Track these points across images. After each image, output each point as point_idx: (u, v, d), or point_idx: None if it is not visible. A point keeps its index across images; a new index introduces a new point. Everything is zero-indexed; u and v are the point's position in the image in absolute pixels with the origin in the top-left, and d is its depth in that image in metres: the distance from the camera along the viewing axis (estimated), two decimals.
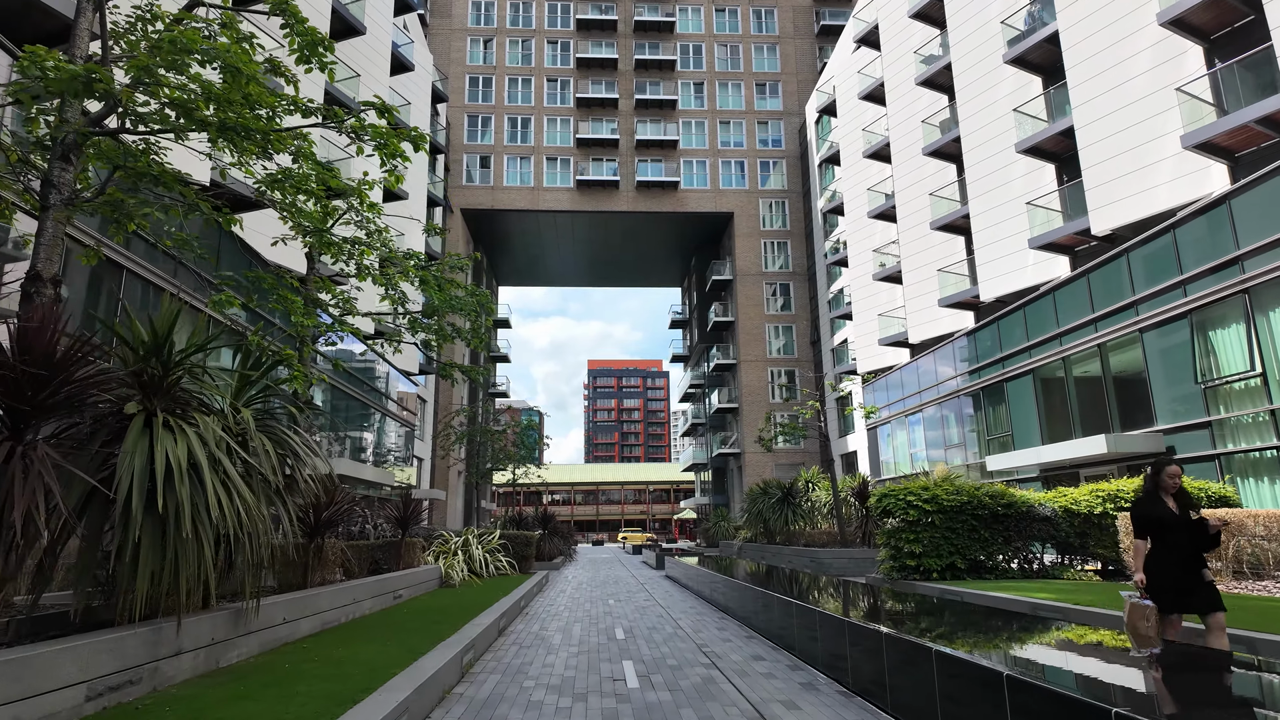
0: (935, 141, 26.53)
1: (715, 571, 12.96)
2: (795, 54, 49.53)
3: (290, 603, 6.67)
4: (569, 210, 45.74)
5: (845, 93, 36.28)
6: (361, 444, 22.69)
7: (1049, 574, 12.27)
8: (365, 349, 15.69)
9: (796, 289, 46.04)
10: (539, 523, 23.70)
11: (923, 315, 28.16)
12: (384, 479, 20.51)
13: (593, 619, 9.94)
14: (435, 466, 41.12)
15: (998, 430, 21.69)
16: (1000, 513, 12.42)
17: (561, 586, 15.75)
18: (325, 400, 19.02)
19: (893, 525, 12.94)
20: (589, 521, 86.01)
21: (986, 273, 23.65)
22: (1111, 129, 18.37)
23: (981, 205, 23.84)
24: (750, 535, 26.19)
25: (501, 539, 15.88)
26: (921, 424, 26.47)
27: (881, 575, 13.15)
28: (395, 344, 11.08)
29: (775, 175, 47.62)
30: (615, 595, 13.68)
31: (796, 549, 19.15)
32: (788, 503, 20.42)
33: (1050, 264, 21.53)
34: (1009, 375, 20.80)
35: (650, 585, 16.28)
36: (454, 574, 12.36)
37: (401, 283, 9.51)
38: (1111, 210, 18.38)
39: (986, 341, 22.12)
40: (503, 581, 13.78)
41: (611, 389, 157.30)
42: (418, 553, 11.75)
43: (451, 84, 46.65)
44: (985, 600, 9.51)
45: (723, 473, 51.29)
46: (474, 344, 10.50)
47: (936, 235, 27.62)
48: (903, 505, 12.33)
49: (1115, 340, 16.60)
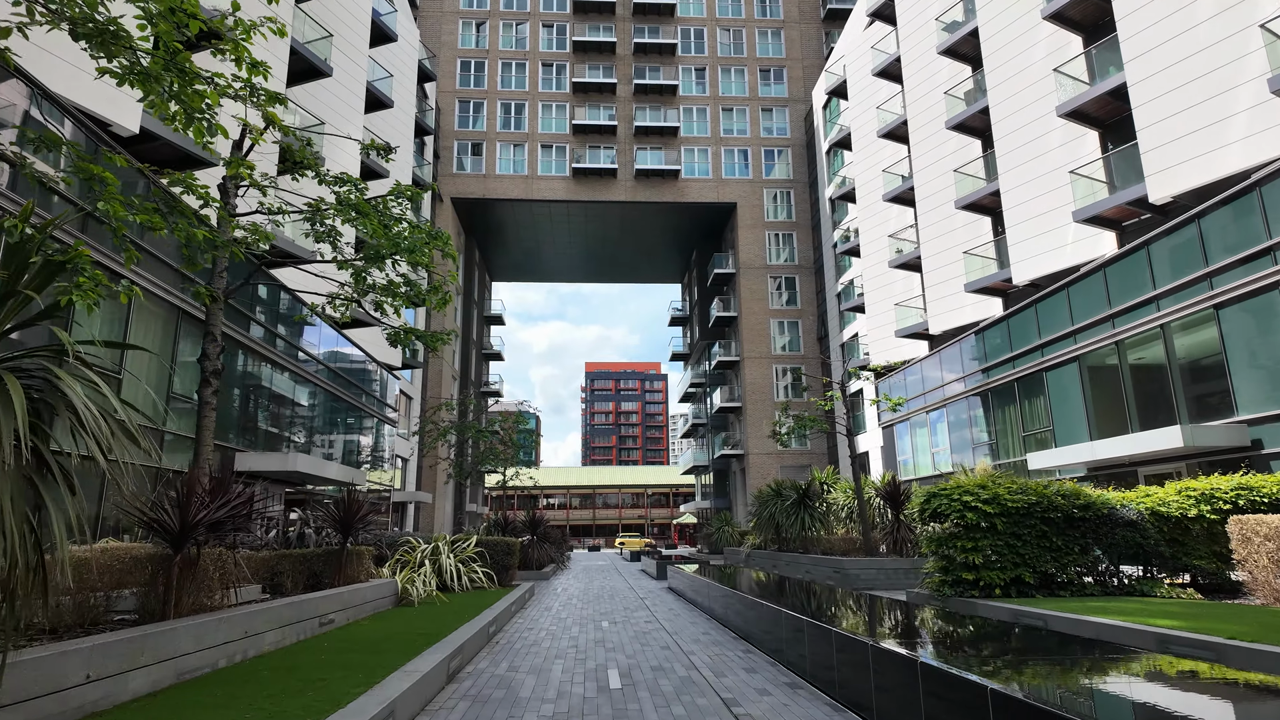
0: (959, 114, 24.47)
1: (731, 587, 10.79)
2: (800, 39, 47.55)
3: (103, 649, 4.37)
4: (564, 200, 43.64)
5: (856, 71, 34.26)
6: (328, 439, 20.49)
7: (1136, 590, 10.13)
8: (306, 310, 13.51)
9: (802, 283, 43.95)
10: (527, 527, 21.51)
11: (944, 304, 26.06)
12: (353, 479, 18.32)
13: (580, 652, 7.77)
14: (422, 468, 38.92)
15: (1035, 425, 19.57)
16: (1076, 516, 10.28)
17: (548, 602, 13.56)
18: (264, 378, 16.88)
19: (941, 531, 10.82)
20: (585, 526, 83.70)
21: (1019, 253, 21.56)
22: (1172, 83, 16.30)
23: (1013, 180, 21.76)
24: (759, 541, 24.01)
25: (478, 546, 13.68)
26: (945, 420, 24.34)
27: (928, 591, 11.01)
28: (340, 306, 8.94)
29: (780, 164, 45.58)
30: (610, 614, 11.51)
31: (814, 557, 16.99)
32: (804, 506, 18.25)
33: (1094, 241, 19.44)
34: (1048, 364, 18.70)
35: (652, 600, 14.12)
36: (414, 589, 10.18)
37: (337, 218, 7.37)
38: (1172, 175, 16.30)
39: (1021, 328, 20.02)
40: (476, 598, 11.60)
41: (609, 392, 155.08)
42: (366, 564, 9.60)
43: (442, 68, 44.59)
44: (1086, 629, 7.36)
45: (724, 475, 49.09)
46: (433, 302, 8.38)
47: (959, 217, 25.55)
48: (958, 507, 10.19)
49: (1183, 319, 14.50)
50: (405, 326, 8.58)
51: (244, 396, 15.42)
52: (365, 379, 24.33)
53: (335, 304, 9.10)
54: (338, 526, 8.93)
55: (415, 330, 8.48)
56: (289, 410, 17.74)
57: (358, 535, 9.26)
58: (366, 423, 24.15)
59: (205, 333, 7.71)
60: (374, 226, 6.91)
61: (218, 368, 7.69)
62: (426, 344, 8.59)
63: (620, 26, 46.53)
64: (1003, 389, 20.84)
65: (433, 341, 8.81)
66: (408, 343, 8.60)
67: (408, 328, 8.51)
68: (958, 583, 10.40)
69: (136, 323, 10.47)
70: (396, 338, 8.82)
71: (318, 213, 7.39)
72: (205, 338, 7.70)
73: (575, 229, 48.41)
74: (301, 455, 15.04)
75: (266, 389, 16.46)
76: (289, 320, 17.74)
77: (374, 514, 9.52)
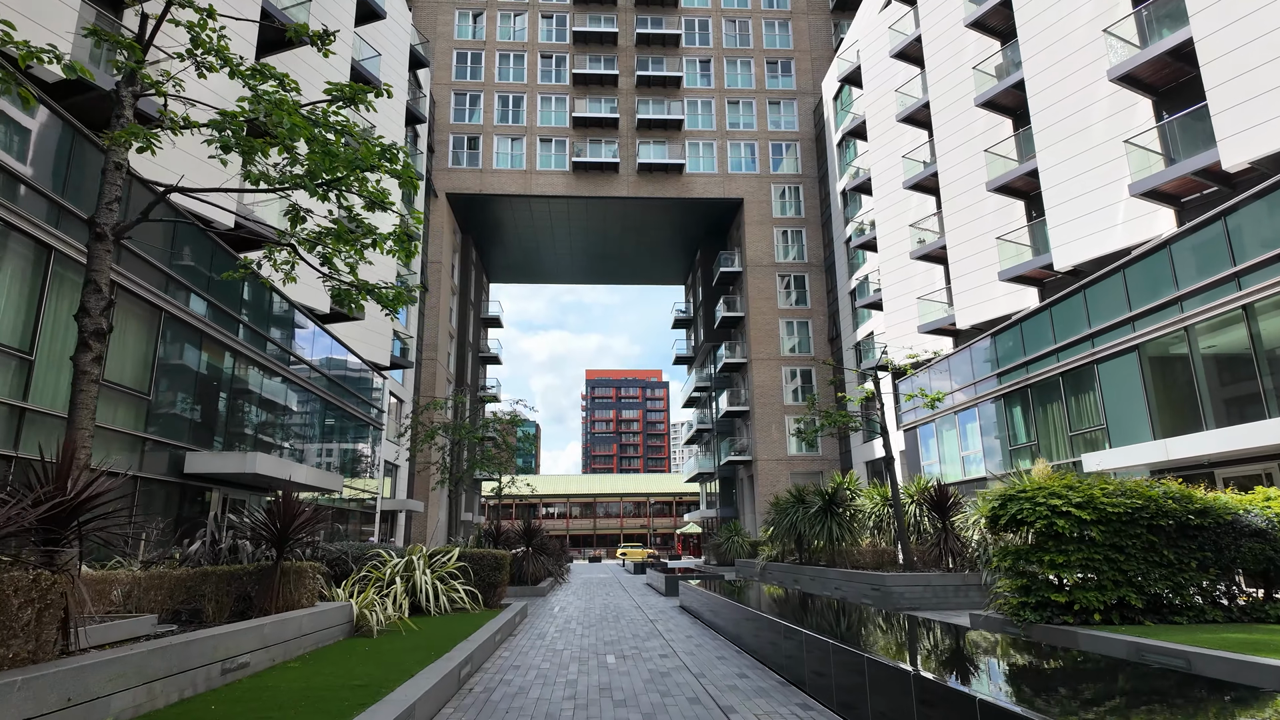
0: (990, 90, 22.67)
1: (773, 615, 8.83)
2: (809, 30, 45.93)
3: None
4: (564, 195, 41.87)
5: (872, 55, 32.53)
6: (304, 442, 18.57)
7: (1270, 615, 8.18)
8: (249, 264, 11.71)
9: (812, 281, 42.09)
10: (522, 538, 19.53)
11: (973, 296, 24.17)
12: (327, 484, 16.38)
13: (582, 709, 5.76)
14: (415, 475, 36.93)
15: (1085, 423, 17.64)
16: (1191, 524, 8.35)
17: (542, 627, 11.56)
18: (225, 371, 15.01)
19: (1019, 542, 8.90)
20: (585, 536, 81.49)
21: (1060, 236, 19.69)
22: (1247, 34, 14.48)
23: (1053, 157, 19.92)
24: (775, 553, 22.02)
25: (461, 560, 11.69)
26: (977, 421, 22.40)
27: (1001, 615, 9.07)
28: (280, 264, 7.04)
29: (789, 159, 43.83)
30: (617, 644, 9.52)
31: (844, 572, 15.02)
32: (831, 513, 16.27)
33: (1149, 219, 17.57)
34: (1100, 355, 16.79)
35: (664, 623, 12.13)
36: (373, 615, 8.19)
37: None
38: (1247, 139, 14.44)
39: (1067, 317, 18.12)
40: (454, 623, 9.62)
41: (610, 399, 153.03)
42: (311, 584, 7.65)
43: (437, 60, 42.96)
44: (1248, 674, 5.42)
45: (731, 483, 47.06)
46: (393, 250, 6.50)
47: (989, 202, 23.72)
48: (1044, 513, 8.26)
49: (1275, 297, 12.60)
50: (356, 281, 6.70)
51: (199, 390, 13.52)
52: (350, 379, 22.42)
53: (273, 257, 7.20)
54: (269, 537, 6.98)
55: (365, 285, 6.58)
56: (257, 409, 15.82)
57: (295, 548, 7.31)
58: (348, 424, 22.22)
59: (86, 280, 5.81)
60: (295, 121, 5.04)
61: (101, 327, 5.79)
62: (383, 303, 6.70)
63: (622, 17, 44.93)
64: (1046, 384, 18.92)
65: (390, 301, 6.91)
66: (356, 302, 6.73)
67: (358, 281, 6.62)
68: (1043, 605, 8.46)
69: None
70: (343, 294, 6.93)
71: (230, 120, 5.51)
72: (86, 287, 5.81)
73: (575, 227, 46.63)
74: (262, 456, 13.12)
75: (232, 384, 14.57)
76: (260, 307, 15.86)
77: (318, 521, 7.56)
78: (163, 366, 12.37)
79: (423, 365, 37.95)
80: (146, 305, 11.81)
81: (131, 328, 11.65)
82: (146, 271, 11.71)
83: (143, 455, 11.75)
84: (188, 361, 13.24)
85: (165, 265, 12.24)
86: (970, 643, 6.47)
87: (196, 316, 13.14)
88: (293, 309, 18.09)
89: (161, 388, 12.28)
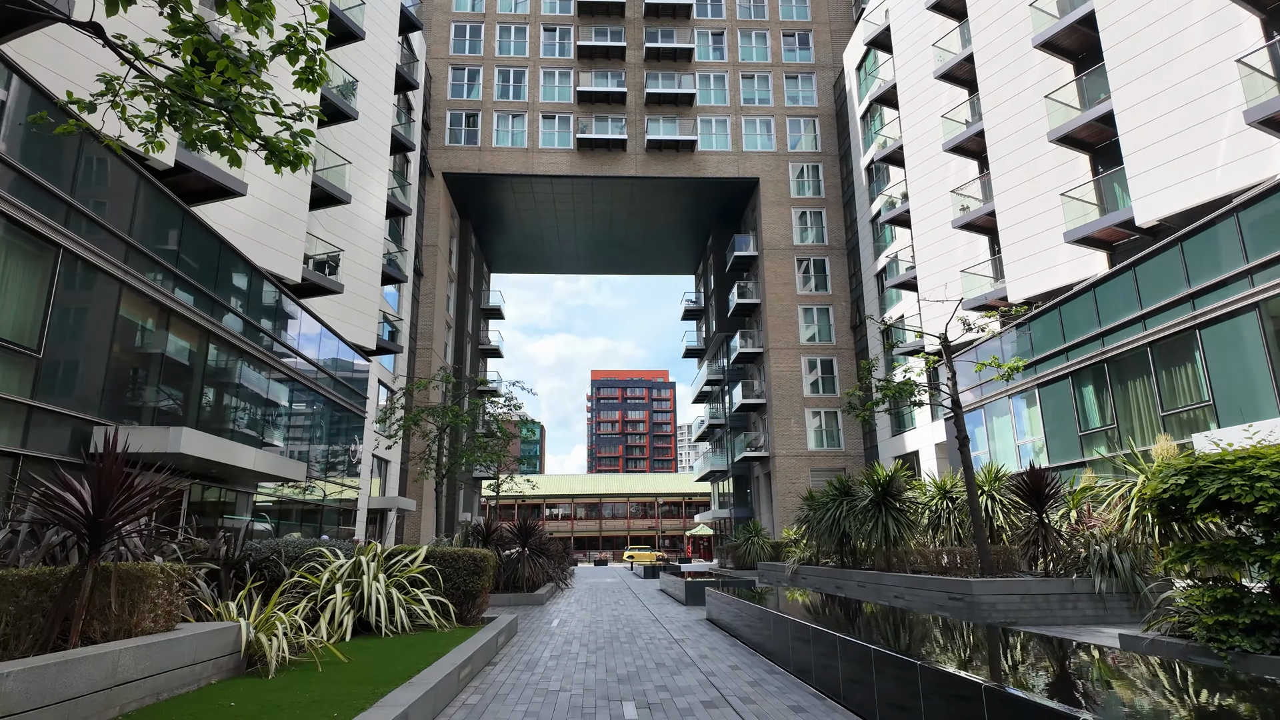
0: (1050, 28, 19.97)
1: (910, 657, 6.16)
2: (828, 1, 43.28)
3: None
4: (568, 175, 39.30)
5: (903, 13, 29.85)
6: (265, 425, 15.97)
7: None
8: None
9: (833, 265, 39.37)
10: (517, 536, 16.87)
11: (1028, 264, 21.44)
12: (284, 471, 13.77)
13: None
14: (407, 472, 34.37)
15: (1180, 400, 14.90)
16: None
17: (534, 651, 8.87)
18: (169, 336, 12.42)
19: (1219, 536, 6.21)
20: (591, 538, 78.74)
21: (1143, 186, 16.96)
22: None
23: (1137, 93, 17.17)
24: (807, 555, 19.30)
25: (427, 563, 8.95)
26: (1037, 404, 19.63)
27: (1181, 639, 6.37)
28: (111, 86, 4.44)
29: (807, 136, 41.17)
30: (636, 681, 6.82)
31: (907, 577, 12.31)
32: (885, 507, 13.54)
33: (1264, 155, 14.82)
34: (1203, 318, 14.06)
35: (694, 645, 9.43)
36: (271, 643, 5.48)
37: None
38: None
39: (1155, 277, 15.38)
40: (407, 649, 6.95)
41: (615, 400, 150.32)
42: (166, 596, 4.98)
43: (434, 33, 40.53)
44: None
45: (745, 481, 44.34)
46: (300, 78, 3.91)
47: (1045, 159, 21.01)
48: (1272, 490, 5.58)
49: None
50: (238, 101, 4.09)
51: (118, 354, 10.94)
52: (330, 362, 19.81)
53: (113, 93, 4.59)
54: (68, 521, 4.28)
55: (249, 121, 3.95)
56: (206, 386, 13.23)
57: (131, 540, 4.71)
58: (326, 411, 19.61)
59: None
60: None
61: None
62: (278, 156, 4.10)
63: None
64: (1127, 358, 16.18)
65: (285, 153, 4.29)
66: (231, 152, 4.14)
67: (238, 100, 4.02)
68: (1259, 628, 5.78)
69: None
70: (208, 137, 4.33)
71: None
72: None
73: (580, 212, 44.04)
74: (190, 432, 10.53)
75: (167, 352, 12.00)
76: (210, 263, 13.29)
77: (153, 501, 4.83)
78: (62, 319, 9.82)
79: (417, 355, 35.42)
80: (36, 237, 9.25)
81: (14, 262, 9.10)
82: (41, 199, 9.14)
83: (26, 430, 9.17)
84: (102, 316, 10.67)
85: (69, 196, 9.67)
86: (1191, 685, 3.78)
87: (114, 262, 10.57)
88: (256, 273, 15.51)
89: (57, 345, 9.71)
